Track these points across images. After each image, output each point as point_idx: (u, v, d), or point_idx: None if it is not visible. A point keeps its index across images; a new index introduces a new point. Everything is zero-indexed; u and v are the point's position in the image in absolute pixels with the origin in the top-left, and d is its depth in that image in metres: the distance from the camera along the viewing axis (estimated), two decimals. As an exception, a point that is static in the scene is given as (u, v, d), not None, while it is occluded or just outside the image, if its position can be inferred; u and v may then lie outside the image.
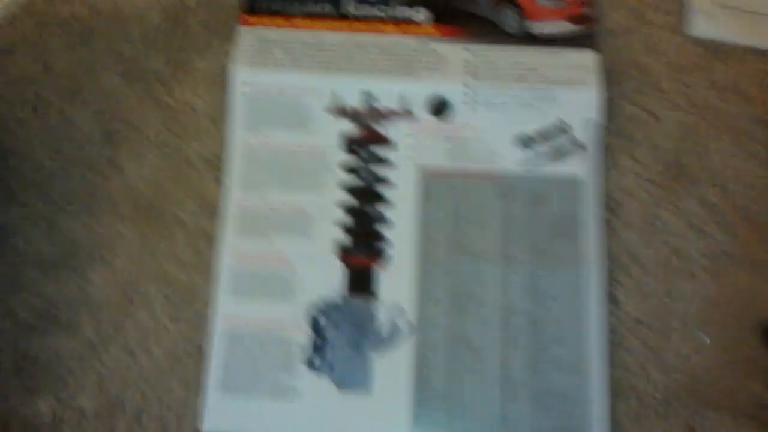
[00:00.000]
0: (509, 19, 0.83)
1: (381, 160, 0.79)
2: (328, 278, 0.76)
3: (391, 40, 0.83)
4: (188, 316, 0.76)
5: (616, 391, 0.73)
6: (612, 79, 0.81)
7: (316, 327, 0.75)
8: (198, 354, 0.75)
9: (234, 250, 0.77)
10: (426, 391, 0.73)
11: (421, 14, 0.84)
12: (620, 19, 0.84)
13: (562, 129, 0.78)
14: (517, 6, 0.84)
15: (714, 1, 0.84)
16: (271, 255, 0.77)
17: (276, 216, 0.78)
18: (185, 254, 0.78)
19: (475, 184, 0.78)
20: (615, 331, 0.75)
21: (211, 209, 0.78)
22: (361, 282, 0.76)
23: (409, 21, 0.84)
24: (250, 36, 0.83)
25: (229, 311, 0.75)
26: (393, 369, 0.74)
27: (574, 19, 0.83)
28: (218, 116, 0.81)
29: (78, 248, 0.78)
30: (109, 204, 0.79)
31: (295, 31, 0.83)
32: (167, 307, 0.77)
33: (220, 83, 0.82)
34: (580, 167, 0.78)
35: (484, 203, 0.78)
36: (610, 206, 0.78)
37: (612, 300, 0.76)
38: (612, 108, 0.81)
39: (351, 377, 0.74)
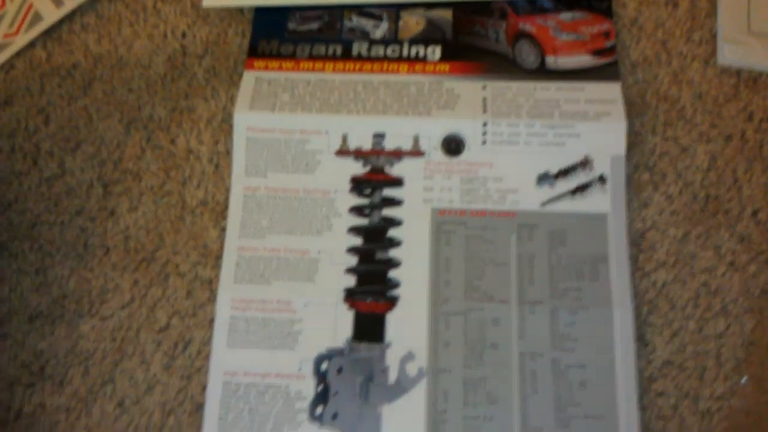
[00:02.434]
0: (527, 55, 0.80)
1: (392, 202, 0.76)
2: (334, 324, 0.72)
3: (403, 79, 0.80)
4: (183, 367, 0.72)
5: (649, 438, 0.68)
6: (638, 111, 0.78)
7: (319, 375, 0.70)
8: (193, 406, 0.71)
9: (233, 296, 0.73)
10: (439, 443, 0.69)
11: (434, 52, 0.80)
12: (646, 50, 0.81)
13: (585, 164, 0.74)
14: (536, 41, 0.80)
15: (746, 30, 0.80)
16: (272, 301, 0.73)
17: (279, 261, 0.74)
18: (181, 302, 0.74)
19: (491, 222, 0.74)
20: (644, 374, 0.70)
21: (210, 256, 0.76)
22: (368, 327, 0.72)
23: (421, 59, 0.80)
24: (254, 80, 0.81)
25: (227, 361, 0.72)
26: (403, 419, 0.69)
27: (597, 53, 0.79)
28: (222, 161, 0.79)
29: (67, 298, 0.75)
30: (102, 253, 0.77)
31: (301, 74, 0.80)
32: (161, 357, 0.73)
33: (224, 128, 0.80)
34: (604, 203, 0.75)
35: (500, 242, 0.74)
36: (637, 242, 0.74)
37: (640, 341, 0.71)
38: (638, 141, 0.77)
39: (357, 428, 0.69)
